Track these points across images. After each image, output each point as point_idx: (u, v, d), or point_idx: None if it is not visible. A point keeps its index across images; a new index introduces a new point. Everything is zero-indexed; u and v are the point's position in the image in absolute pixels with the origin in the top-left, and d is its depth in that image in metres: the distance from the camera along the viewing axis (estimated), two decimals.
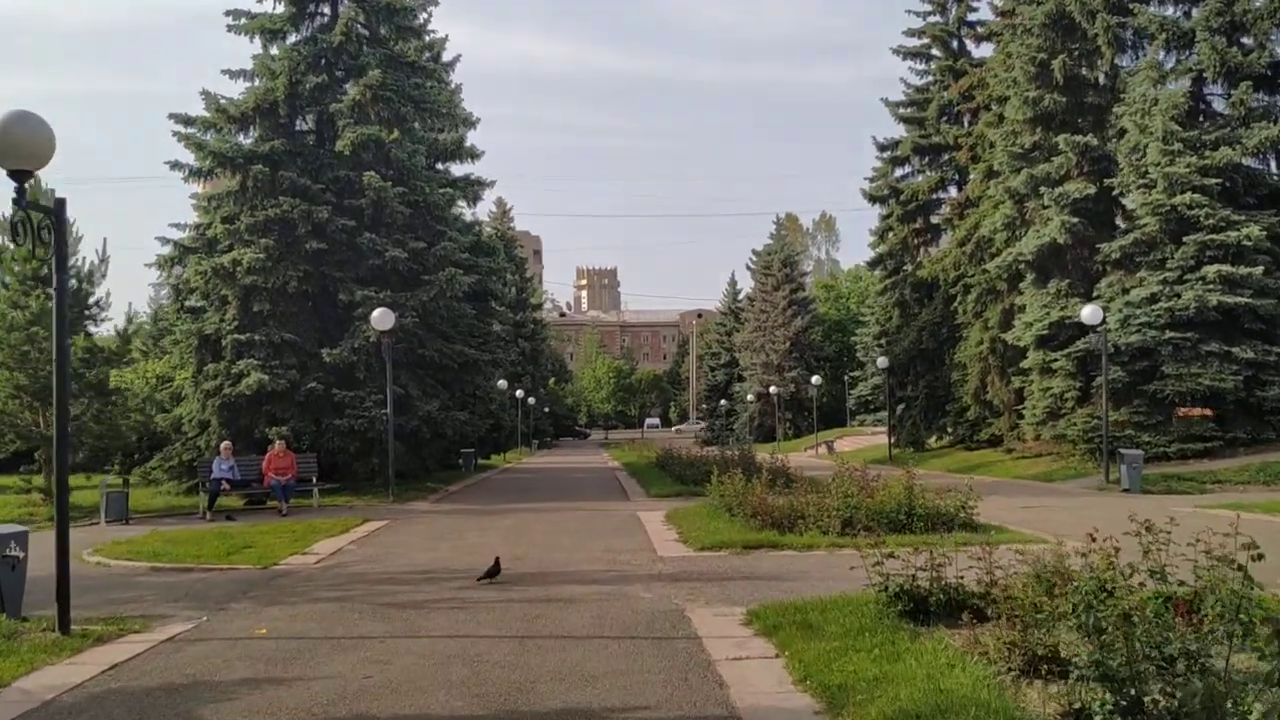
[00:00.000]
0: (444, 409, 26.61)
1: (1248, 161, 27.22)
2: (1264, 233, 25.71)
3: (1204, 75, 27.19)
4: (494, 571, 11.62)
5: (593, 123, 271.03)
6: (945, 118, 43.49)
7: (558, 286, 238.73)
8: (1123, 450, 24.53)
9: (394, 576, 12.40)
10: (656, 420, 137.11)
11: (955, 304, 39.14)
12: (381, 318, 23.13)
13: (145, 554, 14.88)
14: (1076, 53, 29.99)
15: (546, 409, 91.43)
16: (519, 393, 65.10)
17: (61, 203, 9.41)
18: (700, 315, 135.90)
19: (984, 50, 43.26)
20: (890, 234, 45.03)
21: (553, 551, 14.33)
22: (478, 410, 31.33)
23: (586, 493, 26.88)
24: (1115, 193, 28.66)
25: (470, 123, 42.96)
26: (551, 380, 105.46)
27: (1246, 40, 27.60)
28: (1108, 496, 23.15)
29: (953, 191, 44.03)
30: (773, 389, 70.17)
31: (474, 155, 41.80)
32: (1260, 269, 25.65)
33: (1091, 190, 28.86)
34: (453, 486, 29.67)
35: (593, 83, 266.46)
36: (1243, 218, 26.11)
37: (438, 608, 10.25)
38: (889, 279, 46.12)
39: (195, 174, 26.10)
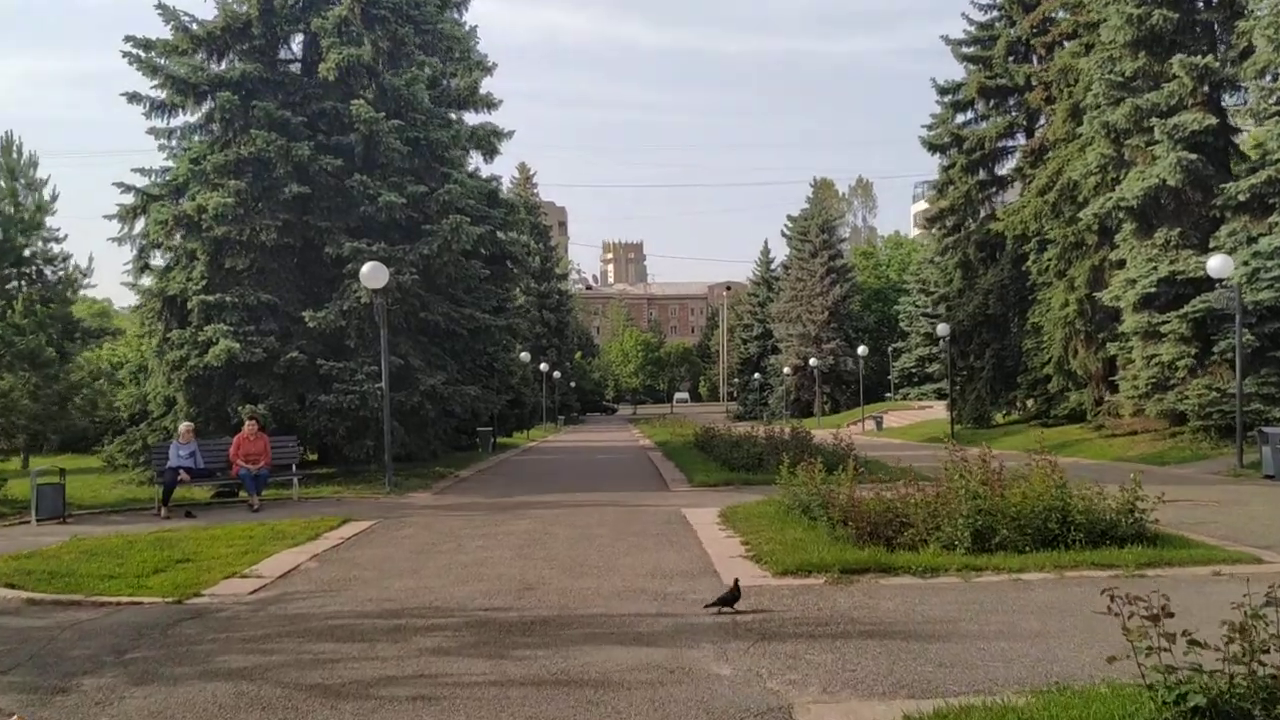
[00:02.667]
0: (451, 382, 22.72)
1: None
2: None
3: None
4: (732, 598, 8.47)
5: (618, 96, 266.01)
6: (1013, 56, 38.99)
7: (584, 260, 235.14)
8: (1265, 429, 20.34)
9: (347, 625, 8.53)
10: (686, 395, 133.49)
11: (1029, 262, 34.82)
12: (372, 273, 19.24)
13: (36, 576, 11.11)
14: None
15: (573, 383, 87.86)
16: (543, 366, 61.33)
17: None
18: (729, 287, 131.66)
19: None
20: (951, 187, 40.63)
21: (578, 576, 10.42)
22: (494, 384, 27.46)
23: (618, 480, 22.99)
24: (1236, 124, 24.32)
25: (486, 67, 38.88)
26: (578, 354, 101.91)
27: None
28: (1254, 486, 19.03)
29: (1021, 140, 39.57)
30: (812, 361, 65.96)
31: (490, 104, 37.73)
32: None
33: (1212, 121, 24.49)
34: (464, 471, 25.85)
35: (618, 56, 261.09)
36: None
37: (391, 700, 6.36)
38: (949, 237, 41.78)
39: (158, 109, 22.28)
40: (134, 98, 21.96)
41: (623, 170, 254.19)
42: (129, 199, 22.31)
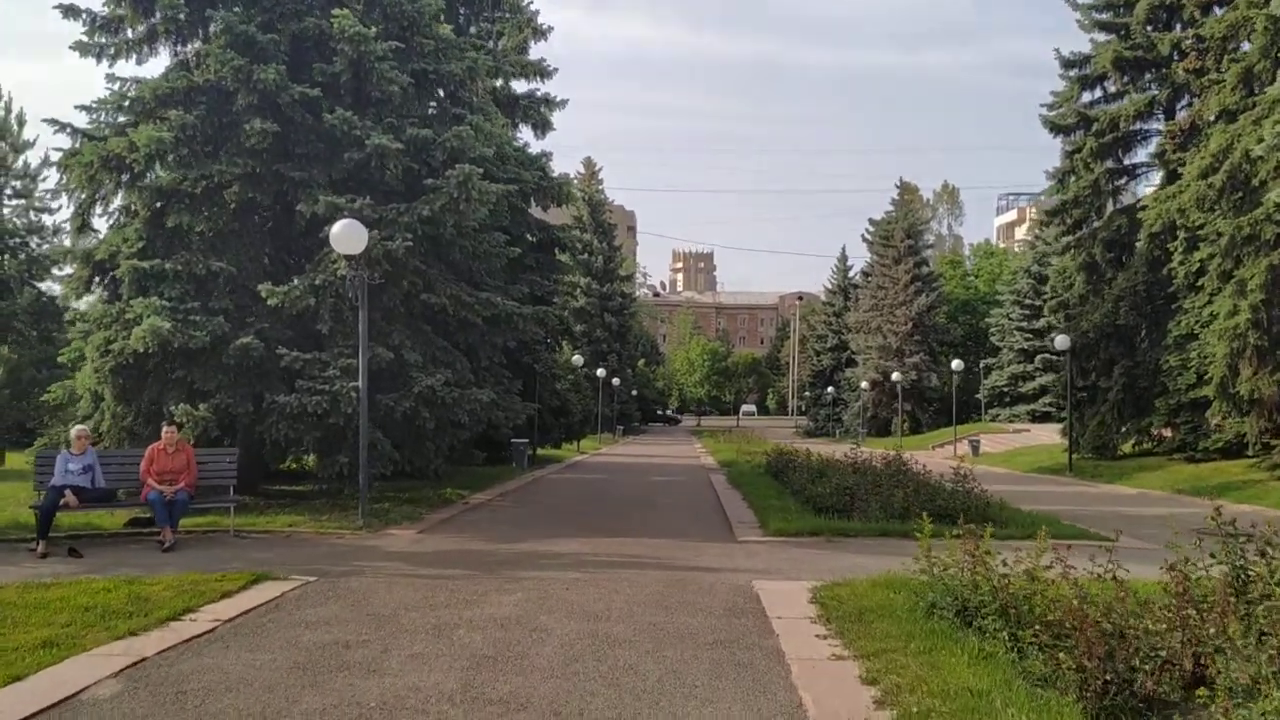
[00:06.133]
0: (458, 384, 17.58)
1: None
2: None
3: None
4: None
5: (694, 106, 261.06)
6: (1153, 25, 32.98)
7: (654, 270, 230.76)
8: None
9: None
10: (753, 407, 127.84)
11: (1174, 263, 28.80)
12: (345, 234, 14.21)
13: None
14: None
15: (634, 391, 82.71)
16: (600, 372, 56.31)
17: None
18: (801, 297, 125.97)
19: None
20: (1074, 177, 34.62)
21: None
22: (517, 387, 22.29)
23: (668, 518, 17.70)
24: None
25: (539, 30, 34.08)
26: (641, 361, 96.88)
27: None
28: None
29: (1159, 123, 33.51)
30: (894, 376, 59.97)
31: (543, 71, 32.99)
32: None
33: None
34: (479, 495, 20.77)
35: (697, 69, 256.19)
36: None
37: None
38: (1070, 234, 35.74)
39: (101, 27, 17.57)
40: (70, 11, 17.26)
41: (697, 177, 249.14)
42: (66, 140, 17.61)
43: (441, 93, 18.95)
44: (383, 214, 16.32)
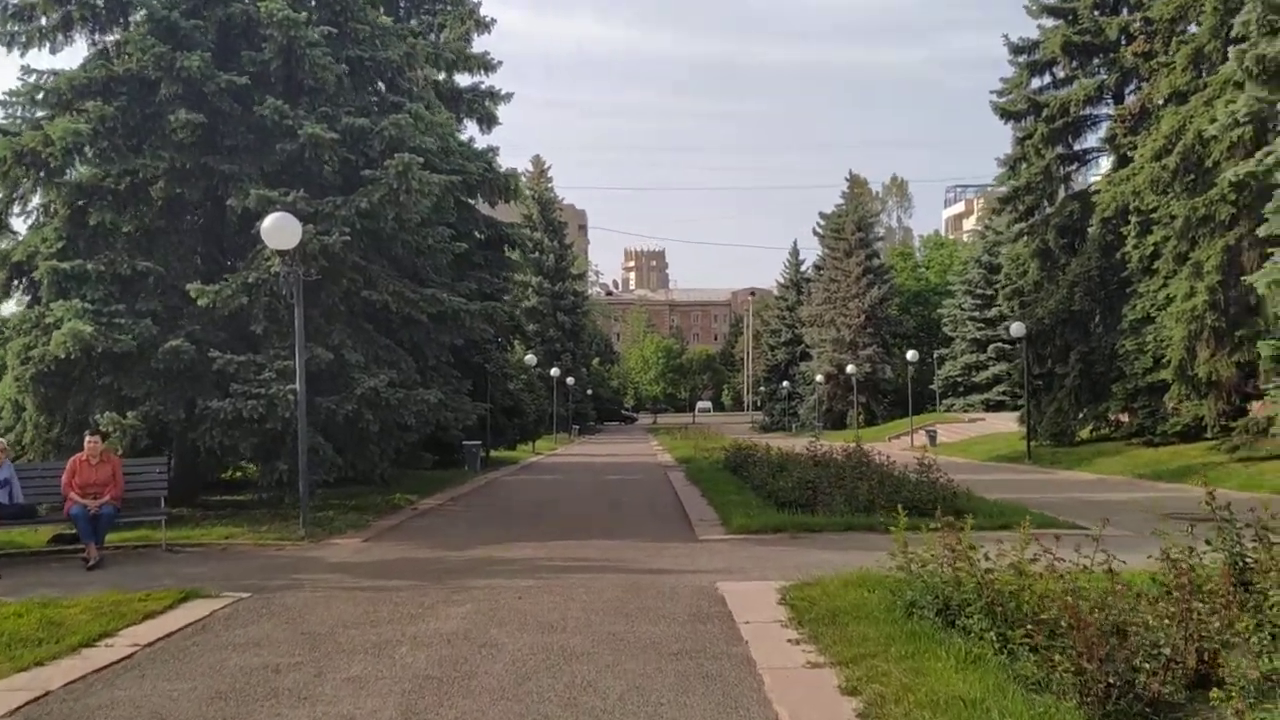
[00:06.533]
0: (403, 384, 16.82)
1: None
2: None
3: None
4: None
5: (644, 104, 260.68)
6: (1100, 9, 32.89)
7: (606, 269, 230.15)
8: None
9: None
10: (708, 404, 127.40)
11: (1128, 247, 28.67)
12: (277, 229, 13.42)
13: None
14: None
15: (589, 390, 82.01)
16: (554, 371, 55.59)
17: None
18: (754, 293, 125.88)
19: None
20: (1025, 164, 34.45)
21: None
22: (466, 387, 21.54)
23: (627, 517, 17.09)
24: None
25: (481, 22, 33.27)
26: (595, 360, 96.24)
27: None
28: None
29: (1108, 108, 33.43)
30: (849, 368, 59.79)
31: (487, 65, 32.16)
32: None
33: None
34: (429, 499, 20.00)
35: (645, 67, 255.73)
36: None
37: None
38: (1023, 221, 35.57)
39: (14, 15, 16.60)
40: None
41: (648, 175, 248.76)
42: None
43: (380, 83, 18.16)
44: (318, 207, 15.54)
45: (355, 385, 15.87)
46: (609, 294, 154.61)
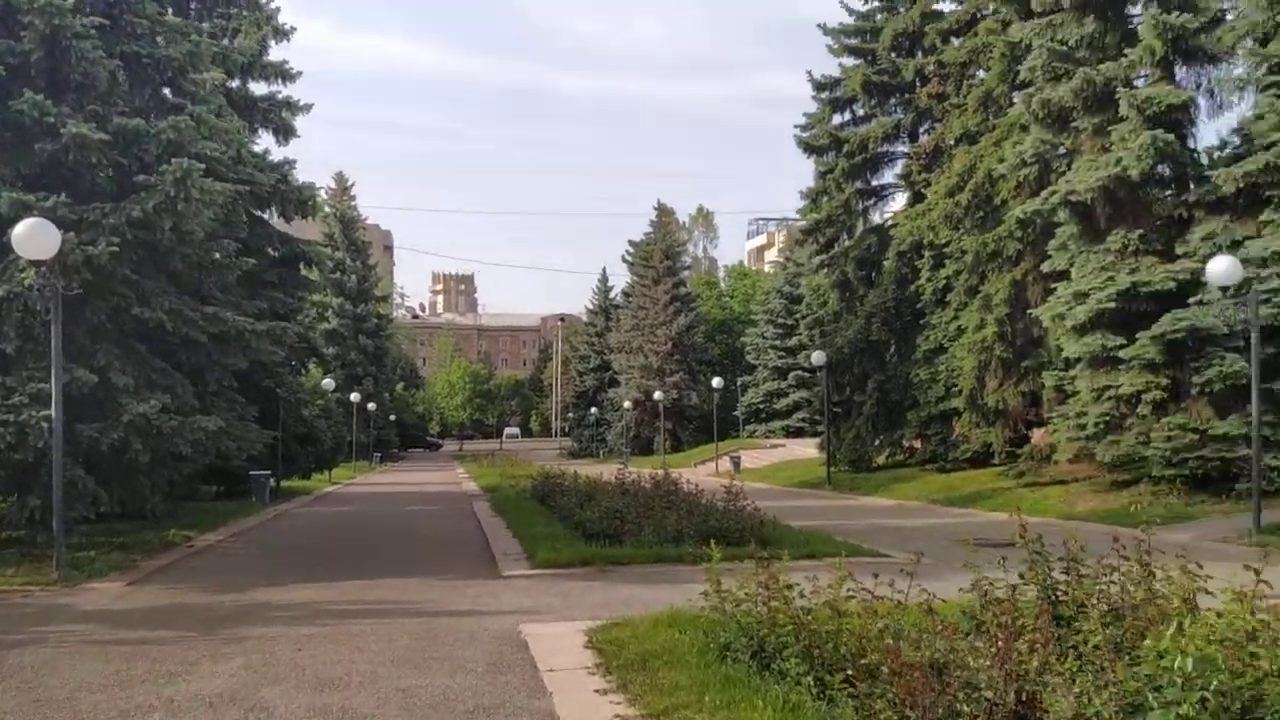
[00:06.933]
0: (179, 410, 15.39)
1: None
2: None
3: None
4: None
5: (455, 128, 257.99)
6: (898, 51, 34.29)
7: (413, 291, 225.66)
8: None
9: None
10: (516, 430, 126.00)
11: (922, 280, 29.80)
12: (30, 236, 11.95)
13: None
14: None
15: (392, 416, 79.44)
16: (354, 396, 53.46)
17: None
18: (564, 319, 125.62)
19: None
20: (827, 197, 35.46)
21: None
22: (252, 413, 20.08)
23: (426, 552, 16.17)
24: (1218, 100, 19.70)
25: (280, 30, 31.64)
26: (400, 385, 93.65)
27: None
28: None
29: (904, 146, 34.85)
30: (656, 394, 60.16)
31: (285, 74, 30.58)
32: None
33: (1188, 96, 19.84)
34: (209, 535, 18.42)
35: (453, 90, 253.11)
36: None
37: None
38: (824, 253, 36.55)
39: None
40: None
41: (458, 198, 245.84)
42: None
43: (161, 84, 16.69)
44: (83, 214, 14.05)
45: (122, 411, 14.38)
46: (415, 317, 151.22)
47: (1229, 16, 20.70)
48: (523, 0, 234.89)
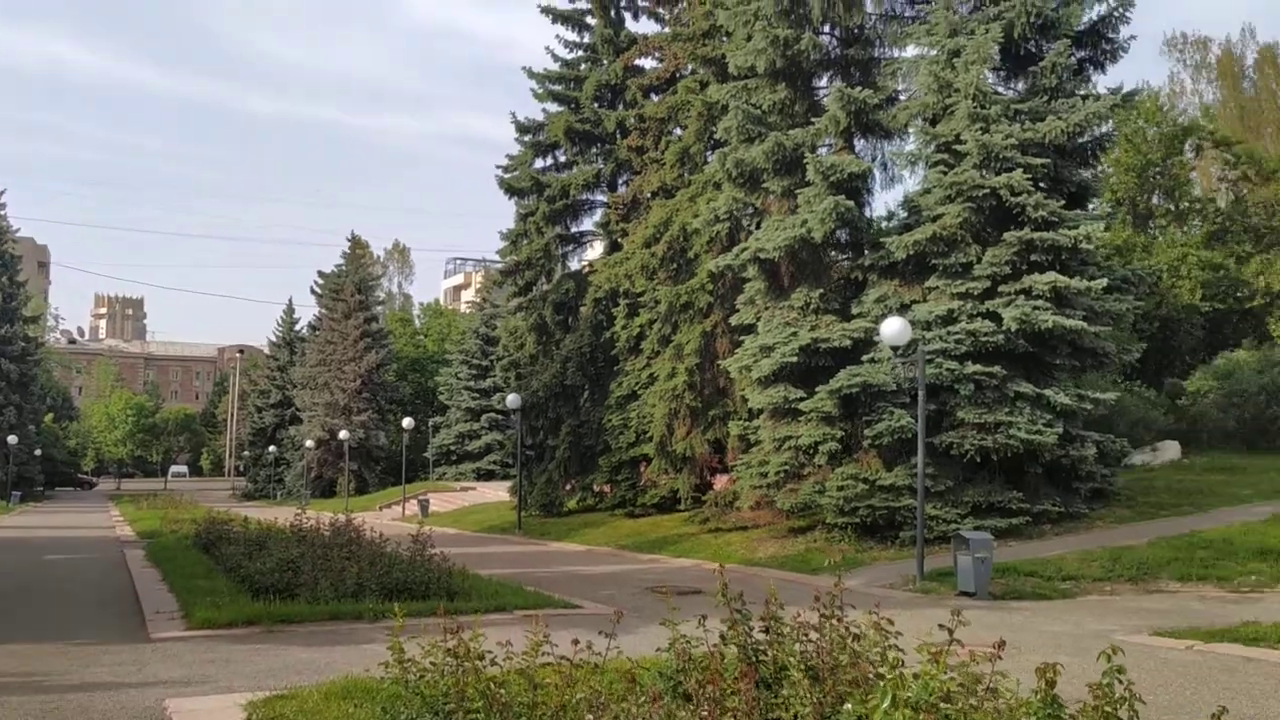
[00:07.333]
0: None
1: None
2: (1106, 232, 19.15)
3: (1014, 26, 20.27)
4: None
5: (128, 141, 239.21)
6: (600, 102, 34.89)
7: (72, 314, 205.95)
8: (965, 534, 16.44)
9: None
10: (184, 468, 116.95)
11: (618, 327, 30.20)
12: None
13: None
14: None
15: (38, 451, 71.37)
16: None
17: None
18: (243, 351, 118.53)
19: (645, 26, 35.73)
20: (526, 239, 35.30)
21: None
22: None
23: (55, 615, 14.07)
24: (891, 173, 21.21)
25: None
26: (49, 416, 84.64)
27: None
28: (948, 606, 14.63)
29: (602, 195, 35.43)
30: (342, 434, 57.60)
31: None
32: (1103, 282, 18.99)
33: (867, 166, 21.18)
34: None
35: (129, 101, 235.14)
36: (1077, 212, 19.45)
37: None
38: (522, 295, 36.30)
39: None
40: None
41: (128, 215, 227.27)
42: None
43: None
44: None
45: None
46: (72, 342, 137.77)
47: (902, 97, 22.47)
48: (208, 15, 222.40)
